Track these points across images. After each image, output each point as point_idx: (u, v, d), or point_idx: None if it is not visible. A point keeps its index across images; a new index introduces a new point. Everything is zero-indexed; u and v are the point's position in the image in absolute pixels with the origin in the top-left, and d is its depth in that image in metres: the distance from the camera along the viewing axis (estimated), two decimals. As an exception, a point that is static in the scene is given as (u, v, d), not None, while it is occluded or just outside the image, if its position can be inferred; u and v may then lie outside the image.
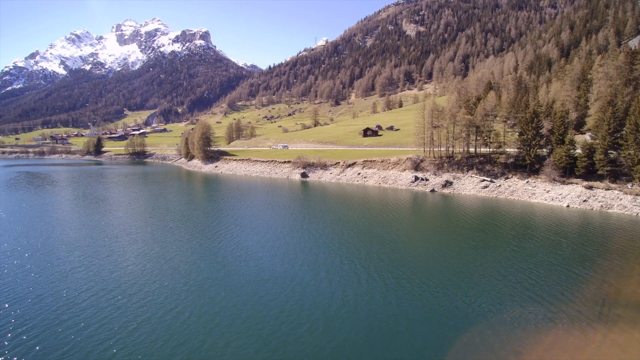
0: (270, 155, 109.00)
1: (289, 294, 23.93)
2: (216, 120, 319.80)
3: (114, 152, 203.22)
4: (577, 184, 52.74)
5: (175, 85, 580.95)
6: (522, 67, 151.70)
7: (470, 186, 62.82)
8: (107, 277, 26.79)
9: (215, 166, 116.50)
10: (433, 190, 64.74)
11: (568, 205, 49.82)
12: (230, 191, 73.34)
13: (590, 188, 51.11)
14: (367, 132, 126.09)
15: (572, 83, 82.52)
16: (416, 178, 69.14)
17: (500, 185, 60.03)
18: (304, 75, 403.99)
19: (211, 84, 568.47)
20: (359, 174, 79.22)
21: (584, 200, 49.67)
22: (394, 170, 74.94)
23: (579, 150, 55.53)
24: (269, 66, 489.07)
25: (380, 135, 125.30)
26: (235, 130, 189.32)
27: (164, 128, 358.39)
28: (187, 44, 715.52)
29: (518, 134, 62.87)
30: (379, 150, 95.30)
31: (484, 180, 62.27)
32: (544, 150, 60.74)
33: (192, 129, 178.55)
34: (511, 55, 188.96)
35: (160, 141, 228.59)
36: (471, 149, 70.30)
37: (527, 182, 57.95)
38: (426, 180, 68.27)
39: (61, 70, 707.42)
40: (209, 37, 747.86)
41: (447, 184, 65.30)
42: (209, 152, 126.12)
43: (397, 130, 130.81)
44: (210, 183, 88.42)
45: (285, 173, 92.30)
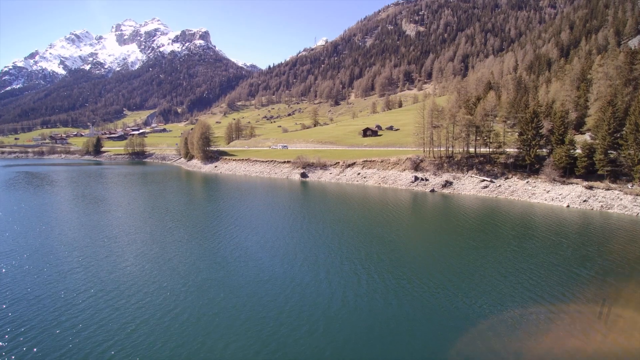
0: (270, 155, 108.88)
1: (289, 294, 23.82)
2: (216, 120, 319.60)
3: (113, 152, 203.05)
4: (577, 184, 52.67)
5: (175, 85, 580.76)
6: (522, 67, 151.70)
7: (470, 186, 62.75)
8: (106, 278, 26.67)
9: (215, 166, 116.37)
10: (433, 191, 64.66)
11: (568, 206, 49.75)
12: (230, 191, 73.21)
13: (590, 188, 51.04)
14: (367, 132, 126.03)
15: (572, 83, 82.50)
16: (416, 178, 69.06)
17: (500, 186, 59.96)
18: (303, 75, 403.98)
19: (211, 84, 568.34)
20: (359, 174, 79.12)
21: (584, 201, 49.60)
22: (394, 171, 74.85)
23: (579, 150, 55.44)
24: (269, 66, 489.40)
25: (380, 135, 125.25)
26: (234, 130, 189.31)
27: (163, 128, 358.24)
28: (187, 44, 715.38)
29: (518, 134, 62.81)
30: (378, 150, 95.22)
31: (483, 180, 62.20)
32: (544, 150, 60.67)
33: (192, 129, 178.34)
34: (511, 55, 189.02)
35: (159, 141, 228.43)
36: (471, 149, 70.23)
37: (527, 182, 57.89)
38: (426, 180, 68.19)
39: (61, 70, 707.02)
40: (209, 37, 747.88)
41: (447, 184, 65.23)
42: (208, 152, 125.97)
43: (397, 130, 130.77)
44: (210, 183, 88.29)
45: (284, 173, 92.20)
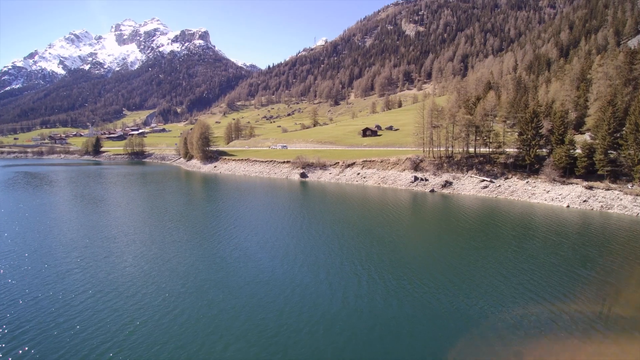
0: (270, 155, 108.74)
1: (289, 295, 23.70)
2: (215, 120, 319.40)
3: (112, 152, 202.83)
4: (577, 184, 52.59)
5: (174, 85, 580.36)
6: (522, 67, 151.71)
7: (469, 186, 62.66)
8: (105, 279, 26.53)
9: (214, 166, 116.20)
10: (433, 191, 64.57)
11: (568, 206, 49.68)
12: (229, 191, 73.07)
13: (590, 188, 50.96)
14: (367, 132, 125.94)
15: (572, 83, 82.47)
16: (416, 178, 68.96)
17: (500, 186, 59.87)
18: (303, 75, 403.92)
19: (210, 84, 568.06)
20: (359, 174, 79.01)
21: (584, 201, 49.53)
22: (394, 171, 74.75)
23: (578, 150, 55.35)
24: (268, 66, 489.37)
25: (380, 135, 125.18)
26: (234, 130, 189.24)
27: (162, 128, 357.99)
28: (186, 44, 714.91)
29: (518, 134, 62.71)
30: (378, 150, 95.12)
31: (483, 180, 62.11)
32: (544, 150, 60.58)
33: (191, 129, 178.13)
34: (510, 55, 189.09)
35: (159, 141, 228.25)
36: (471, 149, 70.14)
37: (527, 182, 57.81)
38: (426, 180, 68.10)
39: (60, 70, 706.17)
40: (208, 37, 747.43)
41: (447, 184, 65.13)
42: (208, 152, 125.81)
43: (397, 130, 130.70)
44: (209, 183, 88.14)
45: (284, 173, 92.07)
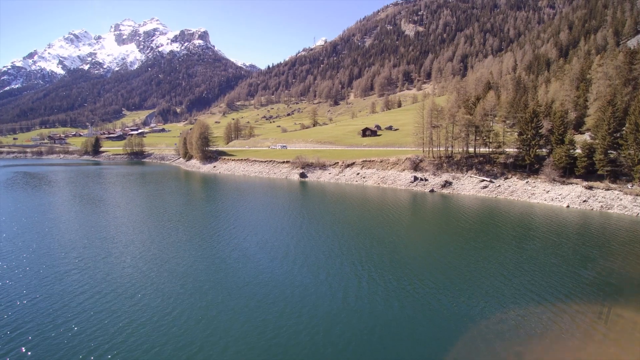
0: (269, 155, 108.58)
1: (289, 297, 23.56)
2: (215, 120, 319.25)
3: (112, 152, 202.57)
4: (577, 184, 52.52)
5: (174, 85, 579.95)
6: (521, 67, 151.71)
7: (469, 186, 62.58)
8: (103, 280, 26.38)
9: (214, 166, 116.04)
10: (432, 191, 64.48)
11: (568, 206, 49.60)
12: (229, 191, 72.93)
13: (590, 188, 50.89)
14: (366, 132, 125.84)
15: (571, 83, 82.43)
16: (415, 178, 68.87)
17: (499, 186, 59.79)
18: (302, 75, 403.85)
19: (210, 84, 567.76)
20: (358, 174, 78.90)
21: (584, 201, 49.45)
22: (393, 171, 74.65)
23: (578, 150, 55.27)
24: (268, 66, 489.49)
25: (379, 135, 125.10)
26: (233, 130, 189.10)
27: (162, 128, 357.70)
28: (186, 44, 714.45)
29: (517, 133, 62.63)
30: (377, 150, 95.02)
31: (483, 180, 62.03)
32: (544, 150, 60.51)
33: (191, 129, 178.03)
34: (510, 55, 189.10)
35: (158, 141, 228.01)
36: (470, 149, 70.05)
37: (527, 182, 57.73)
38: (425, 180, 68.00)
39: (59, 70, 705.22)
40: (208, 37, 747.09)
41: (447, 184, 65.04)
42: (207, 152, 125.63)
43: (396, 130, 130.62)
44: (209, 183, 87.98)
45: (283, 173, 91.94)
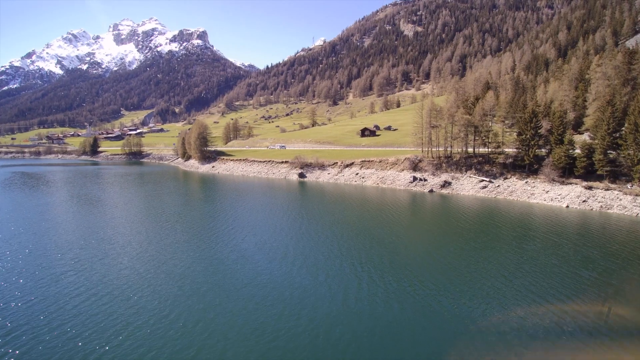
0: (268, 156, 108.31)
1: (288, 298, 23.32)
2: (214, 120, 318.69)
3: (110, 152, 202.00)
4: (577, 184, 52.42)
5: (173, 85, 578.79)
6: (520, 67, 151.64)
7: (469, 186, 62.44)
8: (100, 282, 26.10)
9: (212, 166, 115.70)
10: (431, 191, 64.32)
11: (567, 206, 49.50)
12: (227, 192, 72.66)
13: (589, 188, 50.79)
14: (365, 132, 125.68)
15: (570, 83, 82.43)
16: (414, 178, 68.70)
17: (499, 186, 59.67)
18: (301, 75, 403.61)
19: (208, 84, 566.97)
20: (357, 174, 78.71)
21: (584, 201, 49.35)
22: (392, 171, 74.48)
23: (578, 151, 55.19)
24: (267, 66, 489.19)
25: (378, 135, 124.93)
26: (232, 130, 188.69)
27: (161, 128, 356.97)
28: (185, 44, 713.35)
29: (516, 134, 62.52)
30: (377, 151, 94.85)
31: (482, 180, 61.90)
32: (543, 150, 60.42)
33: (189, 129, 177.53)
34: (508, 55, 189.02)
35: (157, 141, 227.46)
36: (470, 149, 69.92)
37: (526, 183, 57.62)
38: (424, 180, 67.85)
39: (58, 70, 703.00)
40: (207, 37, 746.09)
41: (446, 184, 64.90)
42: (206, 152, 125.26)
43: (395, 130, 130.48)
44: (207, 183, 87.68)
45: (282, 173, 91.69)
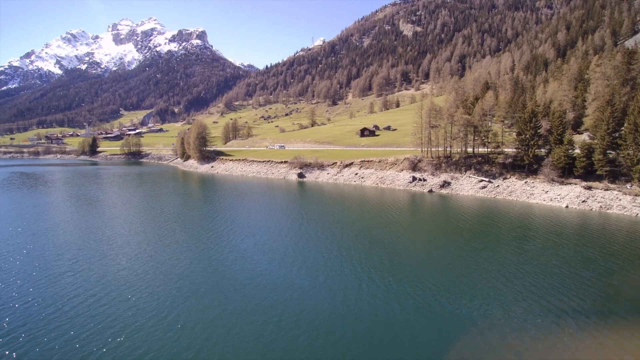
0: (267, 156, 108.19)
1: (287, 299, 23.19)
2: (213, 120, 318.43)
3: (109, 152, 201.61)
4: (576, 184, 52.39)
5: (172, 85, 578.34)
6: (519, 67, 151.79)
7: (468, 186, 62.39)
8: (98, 283, 25.96)
9: (212, 166, 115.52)
10: (431, 191, 64.26)
11: (567, 206, 49.46)
12: (226, 192, 72.51)
13: (589, 188, 50.77)
14: (365, 132, 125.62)
15: (569, 83, 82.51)
16: (414, 178, 68.64)
17: (498, 186, 59.63)
18: (301, 75, 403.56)
19: (208, 84, 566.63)
20: (357, 174, 78.63)
21: (583, 201, 49.32)
22: (392, 171, 74.41)
23: (577, 151, 55.17)
24: (266, 66, 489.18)
25: (378, 135, 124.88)
26: (231, 130, 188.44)
27: (160, 128, 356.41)
28: (184, 44, 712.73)
29: (516, 134, 62.49)
30: (376, 151, 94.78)
31: (482, 180, 61.86)
32: (542, 150, 60.40)
33: (188, 129, 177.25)
34: (508, 55, 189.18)
35: (156, 141, 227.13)
36: (469, 149, 69.89)
37: (526, 183, 57.59)
38: (424, 180, 67.79)
39: (57, 70, 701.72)
40: (206, 37, 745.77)
41: (445, 184, 64.84)
42: (205, 152, 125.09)
43: (395, 130, 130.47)
44: (206, 183, 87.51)
45: (282, 173, 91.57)
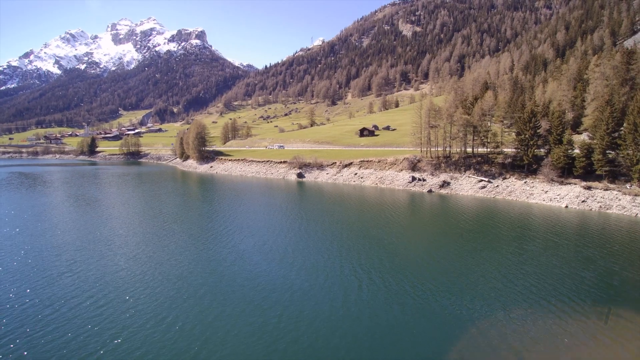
0: (266, 156, 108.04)
1: (287, 301, 23.07)
2: (212, 120, 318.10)
3: (108, 152, 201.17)
4: (576, 184, 52.37)
5: (171, 84, 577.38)
6: (518, 67, 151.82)
7: (467, 186, 62.34)
8: (96, 284, 25.81)
9: (211, 166, 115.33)
10: (430, 191, 64.19)
11: (567, 206, 49.43)
12: (225, 192, 72.35)
13: (588, 188, 50.75)
14: (364, 132, 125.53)
15: (569, 83, 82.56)
16: (413, 178, 68.57)
17: (498, 186, 59.59)
18: (300, 75, 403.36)
19: (207, 84, 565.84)
20: (356, 174, 78.55)
21: (583, 201, 49.29)
22: (391, 171, 74.34)
23: (577, 150, 55.16)
24: (265, 66, 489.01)
25: (377, 135, 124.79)
26: (231, 130, 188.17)
27: (159, 128, 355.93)
28: (183, 44, 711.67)
29: (515, 134, 62.47)
30: (375, 150, 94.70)
31: (481, 180, 61.82)
32: (542, 150, 60.37)
33: (188, 128, 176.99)
34: (507, 55, 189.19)
35: (155, 141, 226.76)
36: (468, 149, 69.85)
37: (525, 183, 57.55)
38: (423, 180, 67.72)
39: (55, 70, 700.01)
40: (205, 37, 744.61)
41: (445, 184, 64.79)
42: (204, 152, 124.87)
43: (394, 130, 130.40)
44: (205, 184, 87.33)
45: (281, 173, 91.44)
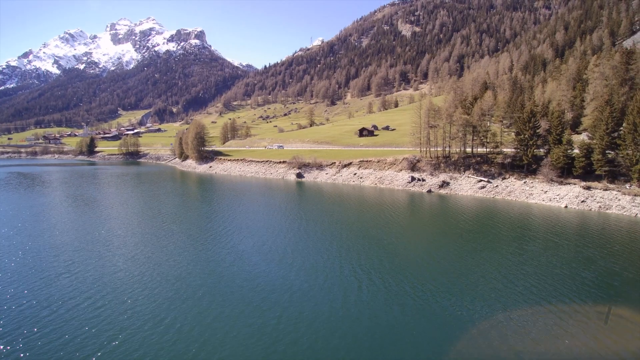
0: (266, 156, 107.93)
1: (286, 302, 22.95)
2: (211, 120, 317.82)
3: (107, 152, 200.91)
4: (575, 184, 52.34)
5: (170, 84, 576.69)
6: (517, 67, 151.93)
7: (467, 187, 62.29)
8: (94, 285, 25.67)
9: (210, 166, 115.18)
10: (430, 191, 64.13)
11: (566, 206, 49.39)
12: (224, 192, 72.22)
13: (588, 188, 50.72)
14: (363, 132, 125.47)
15: (568, 83, 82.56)
16: (413, 178, 68.51)
17: (497, 186, 59.54)
18: (299, 75, 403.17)
19: (206, 84, 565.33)
20: (355, 174, 78.47)
21: (582, 201, 49.26)
22: (390, 171, 74.27)
23: (576, 151, 55.12)
24: (265, 66, 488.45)
25: (376, 135, 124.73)
26: (230, 130, 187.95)
27: (158, 128, 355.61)
28: (182, 44, 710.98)
29: (515, 134, 62.43)
30: (375, 150, 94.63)
31: (481, 180, 61.77)
32: (541, 150, 60.33)
33: (187, 128, 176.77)
34: (506, 55, 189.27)
35: (154, 141, 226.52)
36: (468, 149, 69.79)
37: (525, 183, 57.51)
38: (423, 180, 67.66)
39: (55, 70, 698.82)
40: (204, 37, 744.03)
41: (444, 184, 64.73)
42: (203, 152, 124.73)
43: (393, 130, 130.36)
44: (204, 184, 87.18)
45: (280, 173, 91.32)
